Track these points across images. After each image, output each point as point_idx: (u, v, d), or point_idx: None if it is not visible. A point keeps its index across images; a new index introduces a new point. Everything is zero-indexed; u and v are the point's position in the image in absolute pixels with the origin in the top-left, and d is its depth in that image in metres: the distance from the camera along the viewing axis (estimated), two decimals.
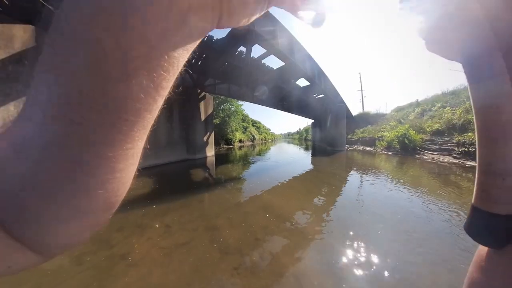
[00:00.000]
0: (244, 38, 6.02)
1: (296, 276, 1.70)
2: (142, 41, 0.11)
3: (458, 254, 1.92)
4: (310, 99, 16.08)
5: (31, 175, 0.12)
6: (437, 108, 12.58)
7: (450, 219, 2.74)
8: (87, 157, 0.12)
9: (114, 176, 0.14)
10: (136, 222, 2.83)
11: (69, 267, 1.88)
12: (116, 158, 0.14)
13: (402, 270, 1.74)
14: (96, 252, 2.10)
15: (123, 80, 0.11)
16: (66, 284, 1.67)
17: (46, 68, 0.11)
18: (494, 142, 0.17)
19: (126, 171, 0.15)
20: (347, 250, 2.04)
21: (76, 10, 0.11)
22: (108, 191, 0.15)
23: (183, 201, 3.73)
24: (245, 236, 2.39)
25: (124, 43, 0.11)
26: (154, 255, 2.04)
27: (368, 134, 16.75)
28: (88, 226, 0.16)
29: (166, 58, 0.13)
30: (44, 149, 0.12)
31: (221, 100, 20.89)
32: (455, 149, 8.45)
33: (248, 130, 35.06)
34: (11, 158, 0.12)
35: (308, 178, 5.90)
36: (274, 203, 3.57)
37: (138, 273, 1.78)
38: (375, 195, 3.98)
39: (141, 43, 0.11)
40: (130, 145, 0.14)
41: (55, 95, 0.11)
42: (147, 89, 0.13)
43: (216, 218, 2.94)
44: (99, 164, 0.13)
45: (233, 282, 1.65)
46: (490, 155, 0.18)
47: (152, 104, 0.14)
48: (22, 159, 0.12)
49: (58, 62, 0.11)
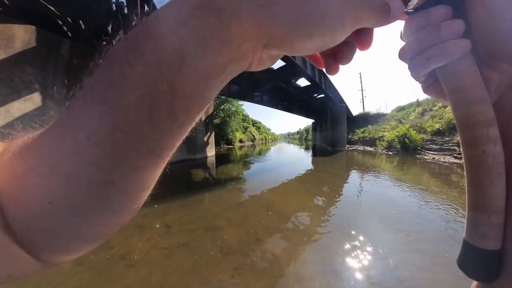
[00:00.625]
0: None
1: (296, 278, 1.69)
2: (189, 85, 0.13)
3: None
4: (311, 99, 16.07)
5: (62, 189, 0.13)
6: (438, 108, 12.55)
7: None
8: (122, 180, 0.14)
9: (140, 195, 0.16)
10: (136, 223, 2.83)
11: (69, 267, 1.87)
12: (144, 180, 0.15)
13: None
14: (96, 253, 2.09)
15: (168, 116, 0.13)
16: (65, 284, 1.66)
17: (99, 98, 0.12)
18: (480, 183, 0.18)
19: (147, 191, 0.18)
20: (348, 249, 2.03)
21: (138, 57, 0.12)
22: (131, 211, 0.17)
23: (184, 201, 3.72)
24: (245, 236, 2.38)
25: (174, 87, 0.12)
26: (154, 256, 2.03)
27: (369, 134, 16.72)
28: (101, 238, 0.18)
29: (202, 100, 0.15)
30: (81, 167, 0.12)
31: (222, 100, 20.90)
32: (456, 149, 8.42)
33: (248, 130, 35.05)
34: (43, 171, 0.13)
35: (309, 178, 5.88)
36: (275, 203, 3.56)
37: (138, 274, 1.77)
38: (375, 195, 3.96)
39: (188, 87, 0.13)
40: (158, 171, 0.16)
41: (105, 123, 0.12)
42: (185, 123, 0.15)
43: (217, 218, 2.93)
44: (132, 186, 0.15)
45: (233, 283, 1.64)
46: (477, 193, 0.19)
47: (184, 135, 0.16)
48: (56, 172, 0.13)
49: (112, 97, 0.12)
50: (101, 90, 0.13)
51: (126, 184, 0.14)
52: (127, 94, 0.12)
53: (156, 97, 0.12)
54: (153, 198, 1.70)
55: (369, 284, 1.61)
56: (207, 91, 0.14)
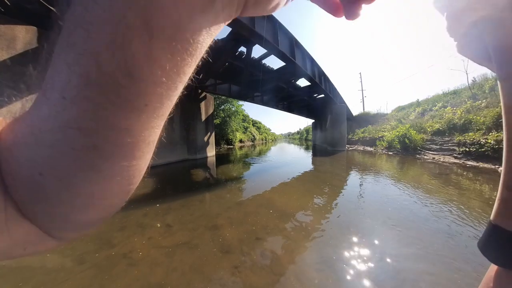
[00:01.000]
0: (244, 38, 6.04)
1: (296, 275, 1.71)
2: (169, 21, 0.11)
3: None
4: (311, 99, 16.07)
5: (48, 159, 0.12)
6: (438, 108, 12.58)
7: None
8: (105, 143, 0.12)
9: (130, 164, 0.14)
10: (137, 222, 2.85)
11: (71, 266, 1.90)
12: (134, 145, 0.13)
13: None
14: (98, 252, 2.12)
15: (147, 61, 0.11)
16: (68, 283, 1.68)
17: (65, 46, 0.11)
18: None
19: (143, 159, 0.15)
20: (348, 247, 2.05)
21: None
22: (124, 178, 0.15)
23: (184, 201, 3.74)
24: (245, 236, 2.40)
25: (150, 22, 0.10)
26: (155, 255, 2.05)
27: (369, 134, 16.74)
28: (103, 212, 0.16)
29: (191, 42, 0.12)
30: (61, 132, 0.11)
31: (222, 100, 20.92)
32: (456, 149, 8.43)
33: (248, 130, 35.07)
34: (29, 141, 0.12)
35: (309, 178, 5.90)
36: (275, 202, 3.58)
37: (139, 272, 1.79)
38: (375, 194, 3.98)
39: (168, 23, 0.11)
40: (148, 133, 0.14)
41: (75, 75, 0.11)
42: (170, 74, 0.12)
43: (217, 218, 2.95)
44: (118, 150, 0.13)
45: (234, 280, 1.66)
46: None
47: (173, 91, 0.13)
48: (40, 142, 0.12)
49: (79, 40, 0.10)
50: (67, 34, 0.11)
51: (111, 149, 0.13)
52: (94, 34, 0.10)
53: (128, 36, 0.10)
54: (153, 197, 1.75)
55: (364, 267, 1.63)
56: (194, 33, 0.12)
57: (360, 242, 2.20)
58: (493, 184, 4.54)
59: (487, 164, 6.67)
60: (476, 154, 7.36)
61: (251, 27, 5.40)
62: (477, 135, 7.79)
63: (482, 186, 4.39)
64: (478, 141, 7.52)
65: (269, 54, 7.53)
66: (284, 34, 7.18)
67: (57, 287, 1.63)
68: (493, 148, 6.82)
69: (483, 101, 9.71)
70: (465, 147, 7.95)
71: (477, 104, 9.78)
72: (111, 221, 2.82)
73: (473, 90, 11.49)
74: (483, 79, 12.06)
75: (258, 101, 14.68)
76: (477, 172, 6.03)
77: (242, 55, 8.17)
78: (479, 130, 8.03)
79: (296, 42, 8.09)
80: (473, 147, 7.61)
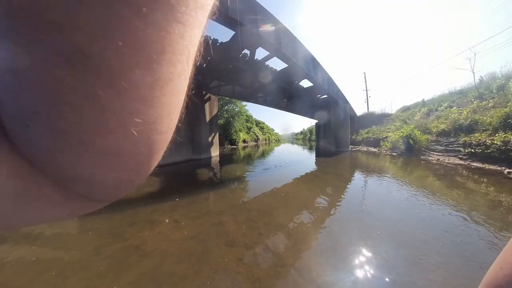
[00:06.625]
0: (248, 41, 6.18)
1: (296, 268, 1.82)
2: None
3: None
4: (314, 99, 16.10)
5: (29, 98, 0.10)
6: (444, 108, 12.41)
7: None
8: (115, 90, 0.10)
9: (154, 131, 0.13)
10: (146, 218, 3.01)
11: (88, 257, 2.06)
12: (156, 102, 0.12)
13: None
14: (112, 244, 2.28)
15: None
16: (86, 271, 1.84)
17: None
18: None
19: (166, 134, 0.15)
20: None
21: None
22: (149, 148, 0.14)
23: (190, 199, 3.90)
24: (249, 231, 2.52)
25: None
26: (165, 247, 2.20)
27: (373, 135, 16.62)
28: (128, 172, 0.15)
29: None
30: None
31: (226, 101, 21.16)
32: (461, 150, 8.34)
33: (252, 131, 35.22)
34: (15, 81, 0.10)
35: (312, 179, 5.98)
36: (276, 202, 3.69)
37: (150, 263, 1.94)
38: (378, 196, 4.04)
39: None
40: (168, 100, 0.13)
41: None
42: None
43: (222, 215, 3.08)
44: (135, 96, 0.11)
45: (238, 271, 1.79)
46: None
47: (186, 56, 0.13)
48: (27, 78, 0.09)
49: None
50: None
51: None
52: None
53: None
54: (161, 195, 1.97)
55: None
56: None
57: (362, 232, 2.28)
58: (499, 186, 4.52)
59: (493, 166, 6.61)
60: (482, 155, 7.28)
61: (254, 30, 5.54)
62: (483, 136, 7.70)
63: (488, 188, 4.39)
64: (484, 142, 7.43)
65: (272, 56, 7.64)
66: (286, 36, 7.29)
67: (76, 275, 1.79)
68: (500, 149, 6.74)
69: (490, 101, 9.55)
70: (471, 148, 7.86)
71: (483, 104, 9.63)
72: (121, 217, 2.99)
73: (480, 90, 11.30)
74: (491, 78, 11.85)
75: (262, 101, 14.82)
76: (482, 173, 6.01)
77: (245, 57, 8.32)
78: (486, 130, 7.93)
79: (299, 44, 8.19)
80: (478, 148, 7.53)
